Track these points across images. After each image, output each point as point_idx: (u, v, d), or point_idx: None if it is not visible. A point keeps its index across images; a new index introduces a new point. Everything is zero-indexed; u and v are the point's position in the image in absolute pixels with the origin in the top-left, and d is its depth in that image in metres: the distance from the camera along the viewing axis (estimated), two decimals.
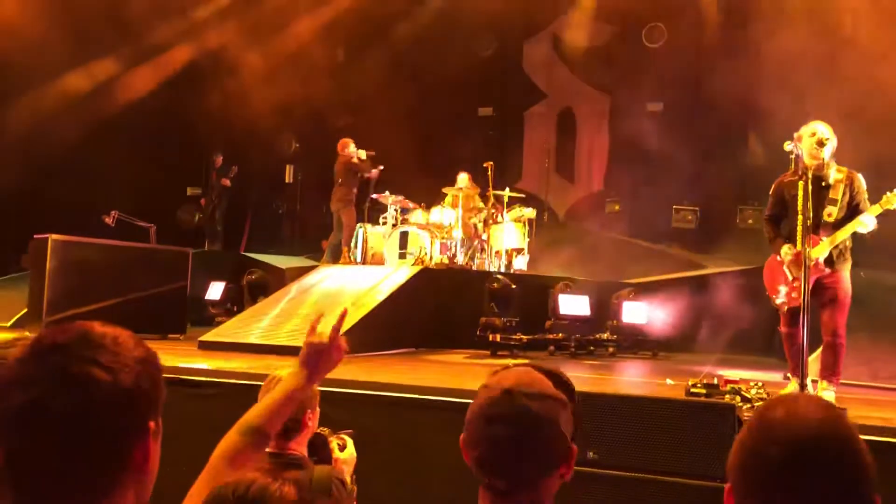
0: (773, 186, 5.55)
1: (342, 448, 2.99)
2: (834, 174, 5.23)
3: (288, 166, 14.60)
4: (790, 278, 5.30)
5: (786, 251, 5.29)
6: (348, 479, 2.92)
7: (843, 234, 5.19)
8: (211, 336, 8.05)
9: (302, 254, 13.07)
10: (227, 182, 13.43)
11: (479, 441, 1.50)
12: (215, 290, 10.91)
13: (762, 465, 1.23)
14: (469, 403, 1.58)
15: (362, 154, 10.96)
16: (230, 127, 13.22)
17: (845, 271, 5.30)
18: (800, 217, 4.89)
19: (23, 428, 1.16)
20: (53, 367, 1.18)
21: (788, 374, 5.71)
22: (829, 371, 5.19)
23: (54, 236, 8.34)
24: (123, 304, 8.60)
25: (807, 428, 1.22)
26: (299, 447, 2.97)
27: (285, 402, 1.97)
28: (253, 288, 10.30)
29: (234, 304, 10.58)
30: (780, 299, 5.38)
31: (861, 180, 5.30)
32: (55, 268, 8.25)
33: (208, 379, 5.71)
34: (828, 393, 5.09)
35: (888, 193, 5.13)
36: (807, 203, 4.87)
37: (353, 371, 6.32)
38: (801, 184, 4.86)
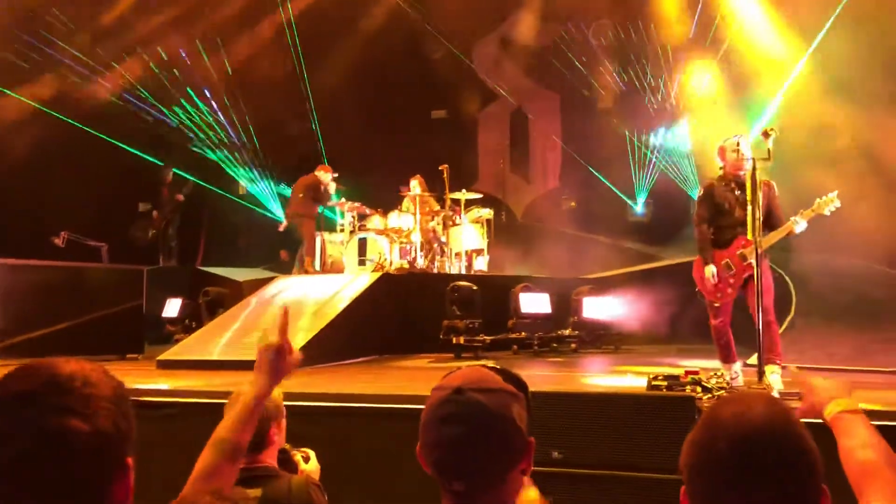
0: (702, 191, 5.83)
1: (306, 460, 3.02)
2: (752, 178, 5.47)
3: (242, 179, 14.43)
4: (720, 277, 5.57)
5: (712, 273, 5.58)
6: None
7: (775, 238, 5.45)
8: (170, 354, 7.92)
9: (259, 265, 12.93)
10: (181, 197, 13.21)
11: (435, 445, 1.45)
12: (172, 307, 10.73)
13: (711, 460, 1.25)
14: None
15: (332, 187, 10.89)
16: (182, 139, 13.06)
17: (767, 260, 5.55)
18: (750, 208, 5.09)
19: (3, 484, 1.13)
20: (28, 423, 1.14)
21: (748, 362, 5.84)
22: (770, 353, 5.35)
23: (0, 261, 8.14)
24: (78, 327, 8.42)
25: (754, 424, 1.25)
26: (270, 459, 2.97)
27: (251, 411, 1.97)
28: (211, 303, 10.14)
29: (193, 320, 10.42)
30: (710, 288, 5.60)
31: (775, 188, 5.59)
32: (4, 293, 8.05)
33: (169, 399, 5.60)
34: (774, 377, 5.20)
35: (819, 199, 5.39)
36: (756, 195, 5.09)
37: (317, 382, 6.26)
38: (748, 182, 5.09)
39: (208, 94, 13.05)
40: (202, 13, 12.31)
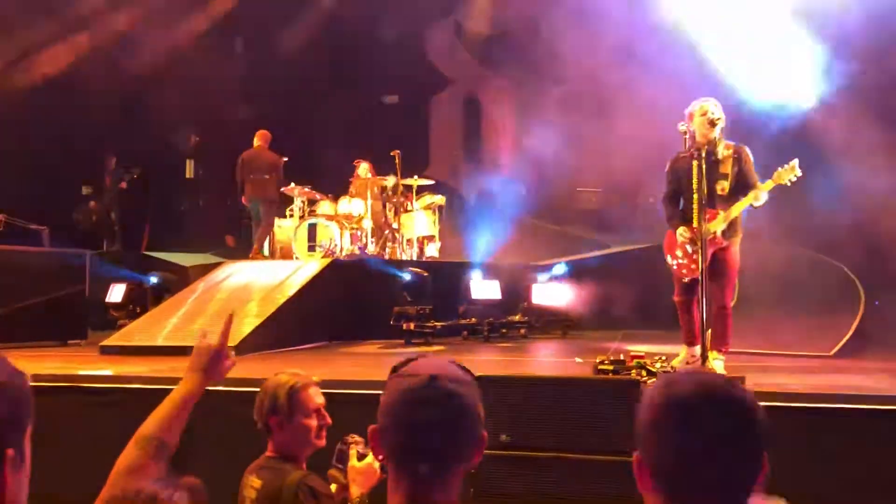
0: (667, 165, 5.74)
1: (361, 457, 2.85)
2: (722, 150, 5.42)
3: (188, 161, 14.16)
4: (689, 251, 5.48)
5: (682, 232, 5.47)
6: (358, 492, 2.80)
7: (738, 209, 5.39)
8: (113, 340, 7.75)
9: (206, 250, 12.72)
10: (124, 185, 12.90)
11: (402, 427, 1.49)
12: (116, 293, 10.50)
13: (673, 405, 1.31)
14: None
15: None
16: (126, 121, 12.75)
17: (736, 244, 5.54)
18: (695, 195, 5.07)
19: None
20: None
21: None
22: (719, 341, 5.40)
23: None
24: (17, 312, 8.18)
25: (707, 375, 1.36)
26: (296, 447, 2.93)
27: (181, 409, 1.95)
28: (156, 288, 9.96)
29: (137, 305, 10.21)
30: (678, 262, 5.56)
31: (748, 153, 5.53)
32: None
33: (112, 386, 5.49)
34: (718, 363, 5.29)
35: (779, 169, 5.34)
36: (701, 181, 5.07)
37: (264, 369, 6.21)
38: (695, 162, 5.05)
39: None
40: None
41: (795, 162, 5.29)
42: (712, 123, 5.31)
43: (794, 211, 6.65)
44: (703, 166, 5.08)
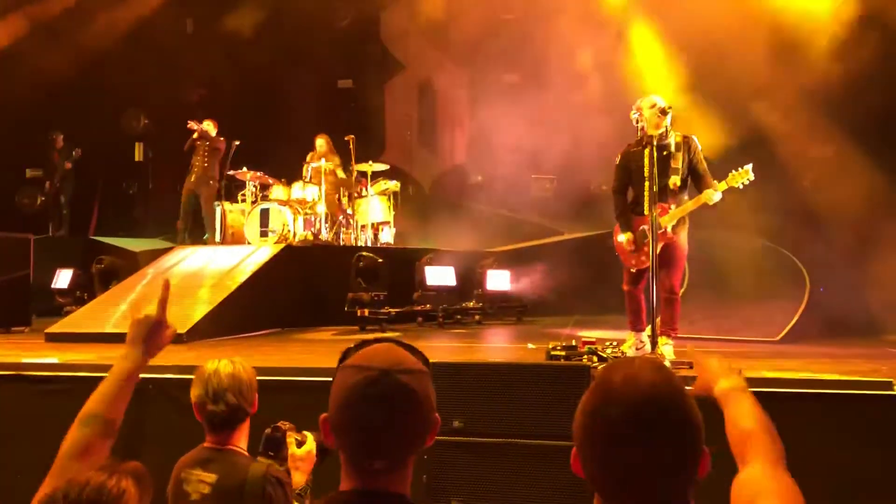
0: (618, 158, 5.86)
1: (300, 444, 2.80)
2: (673, 141, 5.54)
3: (138, 144, 13.84)
4: (638, 243, 5.63)
5: (627, 239, 5.68)
6: (303, 479, 2.76)
7: (691, 207, 5.57)
8: (59, 327, 7.58)
9: (156, 235, 12.48)
10: (69, 165, 12.56)
11: (357, 425, 1.47)
12: (63, 278, 10.26)
13: (602, 424, 1.32)
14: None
15: (209, 126, 10.53)
16: (73, 103, 12.40)
17: (684, 234, 5.71)
18: (646, 184, 5.17)
19: None
20: None
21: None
22: (668, 326, 5.57)
23: None
24: None
25: (641, 389, 1.32)
26: (241, 440, 2.82)
27: (123, 385, 1.91)
28: (104, 274, 9.74)
29: (85, 291, 9.99)
30: (627, 253, 5.70)
31: (696, 142, 5.67)
32: None
33: (58, 374, 5.36)
34: (667, 347, 5.42)
35: (733, 172, 5.50)
36: (652, 168, 5.17)
37: (215, 355, 6.13)
38: (646, 152, 5.14)
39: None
40: None
41: (750, 166, 5.46)
42: (663, 112, 5.42)
43: (736, 195, 6.78)
44: (655, 157, 5.18)
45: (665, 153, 5.50)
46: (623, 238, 5.71)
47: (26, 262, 8.72)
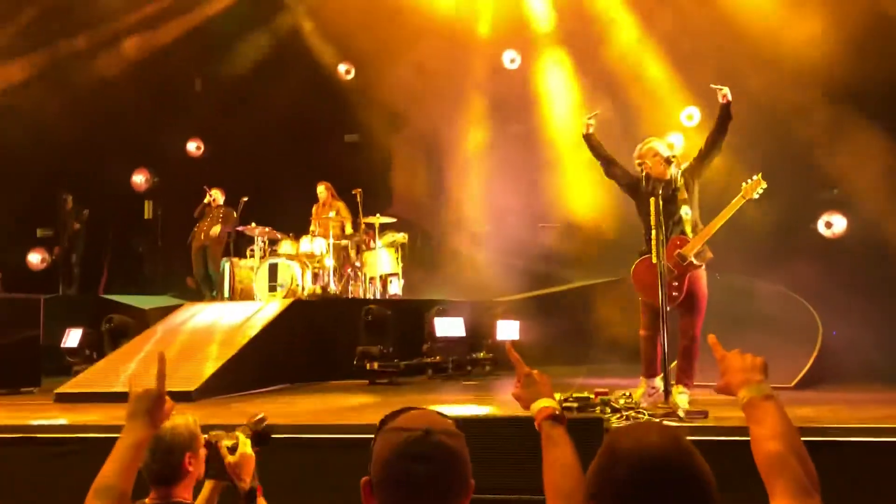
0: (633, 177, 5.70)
1: (232, 450, 2.76)
2: (679, 174, 5.50)
3: (147, 202, 13.97)
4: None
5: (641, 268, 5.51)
6: (247, 480, 2.73)
7: (717, 226, 5.39)
8: (69, 387, 7.55)
9: (165, 292, 12.52)
10: (77, 226, 12.70)
11: (400, 482, 1.51)
12: (73, 338, 10.23)
13: (611, 487, 1.32)
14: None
15: (218, 195, 10.91)
16: (82, 160, 12.56)
17: (703, 275, 5.57)
18: (653, 232, 5.15)
19: None
20: None
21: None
22: (685, 375, 5.44)
23: None
24: None
25: (650, 451, 1.32)
26: (185, 493, 2.81)
27: (133, 455, 1.96)
28: (114, 332, 9.73)
29: (94, 350, 9.96)
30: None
31: (690, 161, 5.61)
32: None
33: (68, 435, 5.32)
34: (682, 396, 5.32)
35: (744, 184, 5.38)
36: (659, 217, 5.16)
37: (225, 413, 6.09)
38: (651, 199, 5.14)
39: None
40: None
41: (759, 176, 5.35)
42: (668, 162, 5.42)
43: (738, 237, 6.76)
44: (661, 204, 5.18)
45: (673, 189, 5.45)
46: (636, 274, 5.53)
47: (36, 323, 8.73)
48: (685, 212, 5.45)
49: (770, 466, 1.56)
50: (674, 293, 5.37)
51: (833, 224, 9.20)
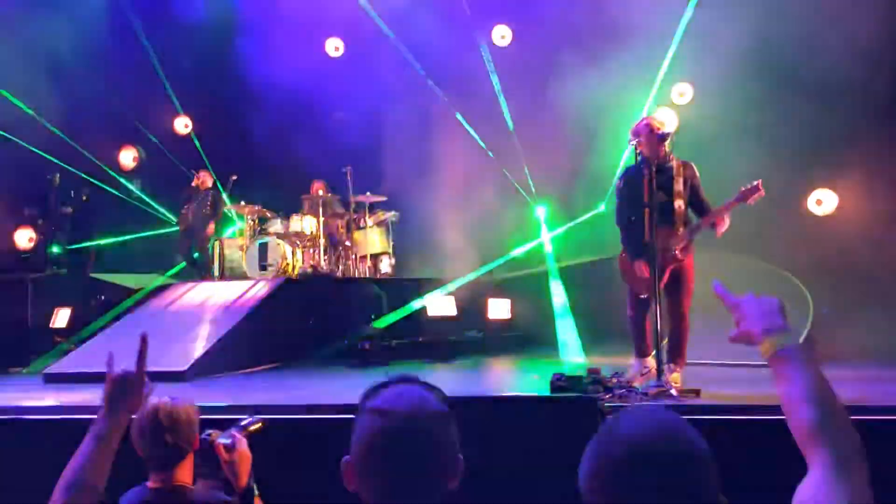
0: (620, 181, 5.76)
1: (229, 448, 2.71)
2: (675, 164, 5.49)
3: (135, 180, 13.82)
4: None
5: (639, 267, 5.45)
6: (244, 479, 2.69)
7: (706, 224, 5.43)
8: (58, 367, 7.50)
9: (154, 271, 12.43)
10: (70, 210, 12.58)
11: (378, 468, 1.46)
12: (62, 318, 10.17)
13: (608, 466, 1.28)
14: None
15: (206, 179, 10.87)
16: (69, 139, 12.41)
17: (691, 258, 5.59)
18: (646, 210, 5.13)
19: None
20: None
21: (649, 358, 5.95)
22: (677, 354, 5.47)
23: None
24: None
25: (648, 430, 1.29)
26: (185, 475, 2.80)
27: (104, 448, 1.82)
28: (102, 312, 9.68)
29: (83, 330, 9.90)
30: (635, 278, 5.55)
31: (695, 168, 5.60)
32: None
33: (57, 417, 5.28)
34: (675, 375, 5.34)
35: (743, 189, 5.37)
36: (652, 195, 5.13)
37: (215, 394, 6.07)
38: (645, 178, 5.12)
39: None
40: None
41: (759, 182, 5.36)
42: (662, 139, 5.39)
43: (742, 218, 6.76)
44: (654, 181, 5.15)
45: (667, 175, 5.44)
46: (638, 268, 5.47)
47: (24, 303, 8.67)
48: (678, 205, 5.44)
49: (806, 435, 1.38)
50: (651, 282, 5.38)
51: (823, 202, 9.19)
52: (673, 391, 4.99)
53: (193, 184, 10.82)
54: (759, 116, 8.81)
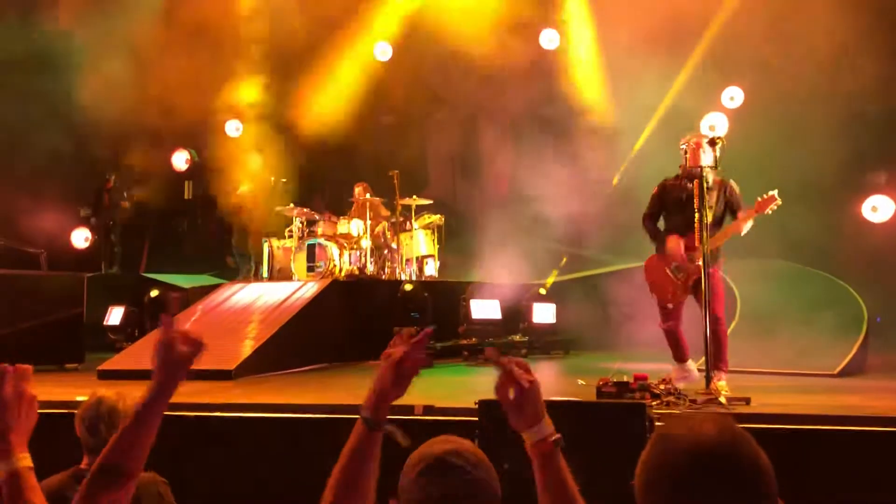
0: (656, 189, 5.82)
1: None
2: (711, 178, 5.50)
3: (187, 182, 14.12)
4: (672, 278, 5.54)
5: (675, 242, 5.53)
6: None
7: (723, 238, 5.56)
8: (111, 364, 7.68)
9: (206, 272, 12.67)
10: (126, 204, 12.89)
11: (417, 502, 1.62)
12: (115, 315, 10.45)
13: (666, 476, 1.26)
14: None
15: None
16: (124, 143, 12.72)
17: (719, 268, 5.64)
18: (697, 214, 5.16)
19: None
20: None
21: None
22: (717, 359, 5.41)
23: None
24: (14, 335, 8.12)
25: (707, 438, 1.27)
26: None
27: (140, 428, 1.69)
28: (155, 310, 9.90)
29: (136, 328, 10.15)
30: (660, 289, 5.61)
31: (734, 185, 5.66)
32: None
33: None
34: (721, 383, 5.27)
35: (758, 199, 5.47)
36: (703, 201, 5.15)
37: (263, 392, 6.17)
38: (696, 183, 5.15)
39: None
40: None
41: (775, 192, 5.43)
42: (711, 144, 5.41)
43: (778, 224, 6.64)
44: (696, 190, 5.18)
45: (707, 189, 5.46)
46: (673, 243, 5.55)
47: (80, 301, 8.91)
48: (706, 216, 5.45)
49: None
50: (678, 292, 5.61)
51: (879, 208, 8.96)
52: (722, 399, 4.91)
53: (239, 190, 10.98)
54: (813, 120, 8.63)
